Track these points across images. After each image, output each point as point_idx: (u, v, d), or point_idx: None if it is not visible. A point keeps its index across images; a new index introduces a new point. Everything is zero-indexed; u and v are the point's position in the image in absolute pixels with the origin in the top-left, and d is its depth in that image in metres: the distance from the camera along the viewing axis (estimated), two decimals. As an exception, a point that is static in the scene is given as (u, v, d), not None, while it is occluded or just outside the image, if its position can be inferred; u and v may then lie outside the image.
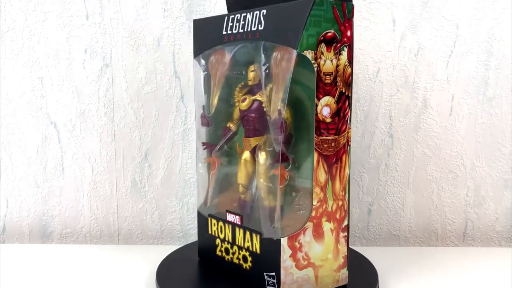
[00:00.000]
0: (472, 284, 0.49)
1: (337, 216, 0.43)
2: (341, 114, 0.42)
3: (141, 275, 0.51)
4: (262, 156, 0.45)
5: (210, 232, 0.50)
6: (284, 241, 0.42)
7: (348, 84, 0.42)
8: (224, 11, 0.61)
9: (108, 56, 0.62)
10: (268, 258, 0.43)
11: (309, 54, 0.40)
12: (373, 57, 0.61)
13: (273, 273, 0.43)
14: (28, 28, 0.62)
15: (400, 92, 0.62)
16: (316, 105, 0.41)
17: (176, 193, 0.64)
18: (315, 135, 0.41)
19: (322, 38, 0.40)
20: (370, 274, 0.49)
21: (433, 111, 0.62)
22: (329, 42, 0.41)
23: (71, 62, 0.62)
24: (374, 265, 0.51)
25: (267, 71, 0.44)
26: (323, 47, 0.40)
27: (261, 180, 0.45)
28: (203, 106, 0.51)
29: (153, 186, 0.64)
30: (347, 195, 0.44)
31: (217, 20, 0.48)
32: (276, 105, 0.42)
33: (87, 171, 0.64)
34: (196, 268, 0.51)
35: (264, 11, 0.43)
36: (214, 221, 0.50)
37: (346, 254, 0.45)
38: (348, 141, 0.43)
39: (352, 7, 0.42)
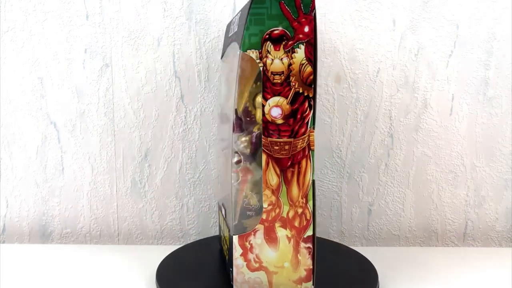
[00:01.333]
0: (472, 284, 0.49)
1: (296, 224, 0.41)
2: (298, 116, 0.40)
3: (141, 275, 0.51)
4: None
5: (219, 223, 0.53)
6: (235, 239, 0.42)
7: (308, 84, 0.40)
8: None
9: (108, 56, 0.62)
10: (230, 254, 0.43)
11: (253, 54, 0.39)
12: (373, 57, 0.61)
13: (231, 269, 0.43)
14: (28, 28, 0.62)
15: (400, 92, 0.62)
16: (263, 106, 0.40)
17: (176, 193, 0.64)
18: (263, 136, 0.40)
19: (267, 36, 0.39)
20: (370, 274, 0.49)
21: (433, 111, 0.62)
22: (277, 40, 0.39)
23: (71, 62, 0.62)
24: (374, 265, 0.51)
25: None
26: (269, 45, 0.39)
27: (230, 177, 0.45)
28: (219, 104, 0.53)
29: (153, 186, 0.64)
30: (310, 203, 0.41)
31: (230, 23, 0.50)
32: (233, 105, 0.42)
33: (87, 171, 0.64)
34: (196, 268, 0.51)
35: (240, 13, 0.44)
36: (220, 212, 0.51)
37: (310, 267, 0.42)
38: (310, 145, 0.41)
39: (311, 1, 0.39)
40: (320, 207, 0.64)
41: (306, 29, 0.39)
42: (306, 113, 0.40)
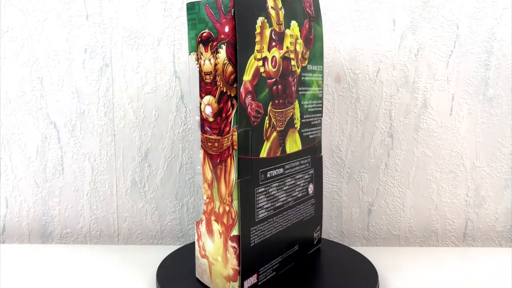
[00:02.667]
0: (472, 284, 0.49)
1: (224, 221, 0.42)
2: (223, 115, 0.41)
3: (141, 275, 0.51)
4: None
5: None
6: (195, 225, 0.45)
7: (231, 83, 0.40)
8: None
9: (108, 56, 0.62)
10: None
11: (193, 56, 0.42)
12: (373, 57, 0.61)
13: None
14: (28, 28, 0.62)
15: (400, 92, 0.62)
16: (200, 104, 0.42)
17: (176, 193, 0.64)
18: (201, 132, 0.43)
19: (199, 39, 0.41)
20: (370, 274, 0.49)
21: (433, 111, 0.62)
22: (205, 42, 0.41)
23: (71, 62, 0.62)
24: (374, 265, 0.51)
25: None
26: (201, 47, 0.41)
27: None
28: None
29: (153, 186, 0.64)
30: (235, 202, 0.41)
31: None
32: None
33: (87, 171, 0.64)
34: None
35: None
36: None
37: (237, 268, 0.42)
38: (233, 144, 0.41)
39: (229, 0, 0.40)
40: (320, 207, 0.64)
41: (226, 29, 0.40)
42: (229, 112, 0.41)
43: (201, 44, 0.41)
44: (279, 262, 0.47)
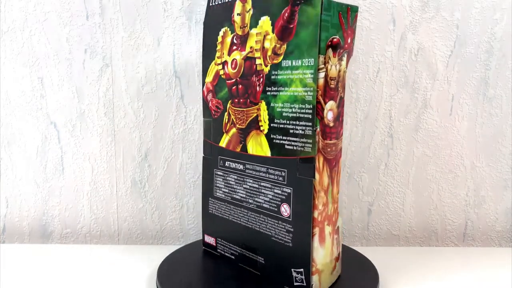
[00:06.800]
0: (472, 284, 0.49)
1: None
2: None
3: (141, 275, 0.51)
4: None
5: None
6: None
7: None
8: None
9: (108, 56, 0.62)
10: None
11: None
12: (373, 57, 0.61)
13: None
14: (28, 28, 0.62)
15: (400, 92, 0.62)
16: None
17: (176, 193, 0.64)
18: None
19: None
20: (370, 274, 0.49)
21: (433, 111, 0.62)
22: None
23: (71, 62, 0.62)
24: (374, 265, 0.51)
25: None
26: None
27: None
28: None
29: (153, 186, 0.64)
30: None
31: None
32: None
33: (87, 171, 0.64)
34: (196, 268, 0.51)
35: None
36: None
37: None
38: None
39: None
40: (320, 207, 0.64)
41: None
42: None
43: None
44: (238, 252, 0.49)
